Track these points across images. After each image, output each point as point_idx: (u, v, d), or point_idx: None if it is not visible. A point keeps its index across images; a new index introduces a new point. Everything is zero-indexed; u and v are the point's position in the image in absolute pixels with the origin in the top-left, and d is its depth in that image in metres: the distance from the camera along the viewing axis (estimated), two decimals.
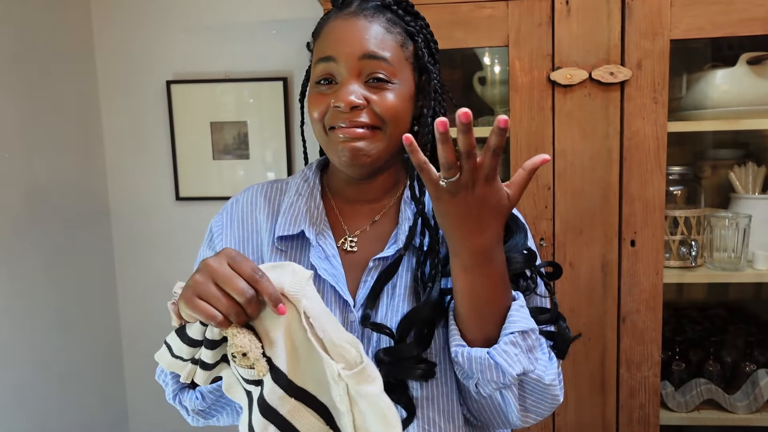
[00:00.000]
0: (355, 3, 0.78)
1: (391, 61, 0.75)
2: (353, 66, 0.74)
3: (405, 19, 0.79)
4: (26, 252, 1.63)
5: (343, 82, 0.75)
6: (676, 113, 1.43)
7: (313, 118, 0.79)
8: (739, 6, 1.23)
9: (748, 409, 1.41)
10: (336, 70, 0.76)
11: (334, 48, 0.76)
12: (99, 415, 1.94)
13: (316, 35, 0.82)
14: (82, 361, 1.85)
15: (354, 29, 0.75)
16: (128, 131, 1.95)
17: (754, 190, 1.48)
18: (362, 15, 0.76)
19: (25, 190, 1.62)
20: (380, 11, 0.77)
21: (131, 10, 1.89)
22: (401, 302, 0.76)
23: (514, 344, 0.67)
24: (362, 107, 0.74)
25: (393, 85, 0.75)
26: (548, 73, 1.28)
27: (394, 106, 0.75)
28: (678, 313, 1.62)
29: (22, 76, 1.62)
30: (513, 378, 0.67)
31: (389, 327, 0.74)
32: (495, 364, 0.67)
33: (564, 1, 1.26)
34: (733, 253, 1.39)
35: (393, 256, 0.78)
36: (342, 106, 0.73)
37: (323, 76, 0.77)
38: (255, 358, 0.64)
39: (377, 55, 0.74)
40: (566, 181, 1.30)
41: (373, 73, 0.74)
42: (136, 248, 2.00)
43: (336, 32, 0.77)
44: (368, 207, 0.84)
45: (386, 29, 0.76)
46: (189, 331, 0.67)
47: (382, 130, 0.75)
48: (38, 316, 1.67)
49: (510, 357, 0.67)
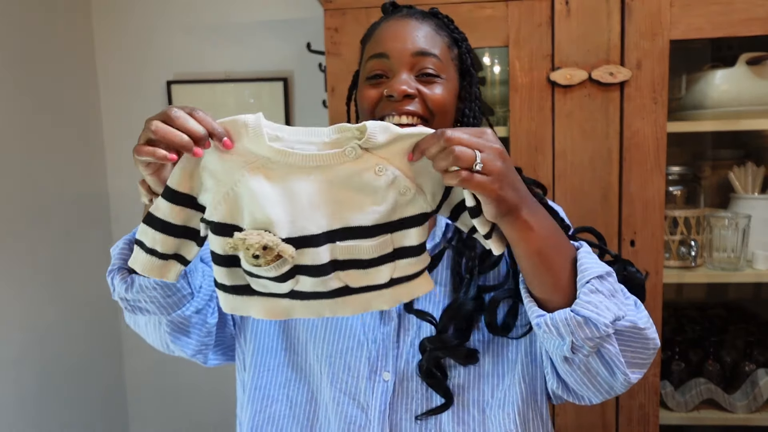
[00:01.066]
0: (404, 10, 0.85)
1: (441, 58, 0.80)
2: (406, 61, 0.78)
3: (450, 27, 0.85)
4: (26, 252, 1.63)
5: (395, 75, 0.79)
6: (676, 113, 1.43)
7: (362, 109, 0.82)
8: (739, 6, 1.23)
9: (748, 408, 1.41)
10: (388, 66, 0.79)
11: (387, 45, 0.80)
12: (99, 415, 1.94)
13: (367, 39, 0.86)
14: (82, 361, 1.85)
15: (406, 28, 0.80)
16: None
17: (754, 190, 1.48)
18: (413, 17, 0.82)
19: (25, 190, 1.63)
20: (428, 17, 0.83)
21: (131, 10, 1.89)
22: (441, 294, 0.80)
23: (595, 292, 0.65)
24: (414, 96, 0.78)
25: (441, 80, 0.79)
26: (548, 73, 1.28)
27: (443, 98, 0.79)
28: (678, 313, 1.62)
29: (23, 76, 1.62)
30: (607, 327, 0.64)
31: (432, 315, 0.78)
32: (584, 319, 0.64)
33: (564, 2, 1.26)
34: (732, 253, 1.39)
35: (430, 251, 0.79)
36: (395, 95, 0.76)
37: (374, 72, 0.81)
38: (275, 243, 0.60)
39: (428, 52, 0.79)
40: (566, 181, 1.30)
41: (424, 68, 0.79)
42: None
43: (388, 31, 0.81)
44: None
45: (435, 31, 0.82)
46: (157, 213, 0.64)
47: (429, 122, 0.78)
48: (38, 316, 1.67)
49: (596, 306, 0.64)
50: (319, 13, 1.36)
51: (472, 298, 0.76)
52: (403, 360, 0.79)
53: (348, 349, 0.80)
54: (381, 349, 0.80)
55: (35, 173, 1.66)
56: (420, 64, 0.78)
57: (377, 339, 0.80)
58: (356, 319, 0.81)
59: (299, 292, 0.65)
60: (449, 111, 0.81)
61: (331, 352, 0.81)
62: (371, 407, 0.79)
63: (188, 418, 2.07)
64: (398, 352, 0.79)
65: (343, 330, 0.81)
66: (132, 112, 1.94)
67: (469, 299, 0.76)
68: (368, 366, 0.79)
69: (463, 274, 0.79)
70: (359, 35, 1.31)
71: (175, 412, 2.08)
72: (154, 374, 2.06)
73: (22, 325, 1.61)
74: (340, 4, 1.31)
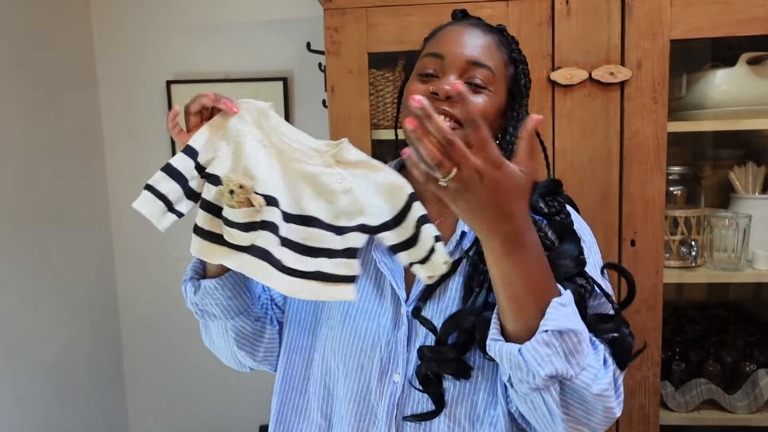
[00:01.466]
0: (473, 19, 0.87)
1: (494, 71, 0.80)
2: (459, 66, 0.79)
3: (512, 46, 0.86)
4: (26, 252, 1.63)
5: (444, 75, 0.80)
6: (676, 113, 1.43)
7: (406, 101, 0.83)
8: (739, 6, 1.23)
9: (748, 409, 1.41)
10: (440, 66, 0.80)
11: (444, 47, 0.81)
12: (99, 415, 1.94)
13: (429, 38, 0.87)
14: (82, 361, 1.85)
15: (468, 35, 0.81)
16: (128, 131, 1.95)
17: (754, 190, 1.48)
18: (479, 27, 0.83)
19: (25, 190, 1.63)
20: (494, 31, 0.84)
21: (131, 10, 1.89)
22: (450, 302, 0.81)
23: (547, 344, 0.64)
24: (457, 99, 0.74)
25: (488, 92, 0.80)
26: (548, 73, 1.28)
27: (483, 109, 0.78)
28: (678, 313, 1.62)
29: (23, 76, 1.62)
30: (542, 380, 0.64)
31: (433, 323, 0.78)
32: (524, 361, 0.64)
33: (564, 1, 1.26)
34: (733, 253, 1.39)
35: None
36: (440, 93, 0.77)
37: (426, 70, 0.81)
38: (250, 186, 0.72)
39: (482, 63, 0.79)
40: (566, 181, 1.29)
41: (473, 76, 0.79)
42: (136, 248, 2.00)
43: (450, 34, 0.83)
44: (438, 207, 0.86)
45: (496, 46, 0.82)
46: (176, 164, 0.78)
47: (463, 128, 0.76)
48: (38, 316, 1.67)
49: (540, 356, 0.64)
50: (319, 13, 1.36)
51: (476, 313, 0.75)
52: (412, 364, 0.81)
53: (362, 350, 0.82)
54: (393, 352, 0.81)
55: (35, 173, 1.66)
56: (471, 72, 0.79)
57: (390, 342, 0.82)
58: (372, 321, 0.83)
59: (257, 248, 0.73)
60: (487, 122, 0.78)
61: (345, 352, 0.83)
62: (380, 407, 0.80)
63: (188, 418, 2.07)
64: (409, 355, 0.81)
65: (359, 331, 0.83)
66: (131, 111, 1.94)
67: (472, 313, 0.76)
68: (380, 367, 0.81)
69: (473, 287, 0.78)
70: (359, 35, 1.31)
71: (175, 412, 2.08)
72: (154, 374, 2.06)
73: (23, 325, 1.61)
74: (340, 4, 1.31)
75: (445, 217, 0.86)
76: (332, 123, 1.34)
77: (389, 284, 0.83)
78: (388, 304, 0.83)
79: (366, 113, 1.34)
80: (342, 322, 0.84)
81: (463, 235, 0.83)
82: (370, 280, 0.85)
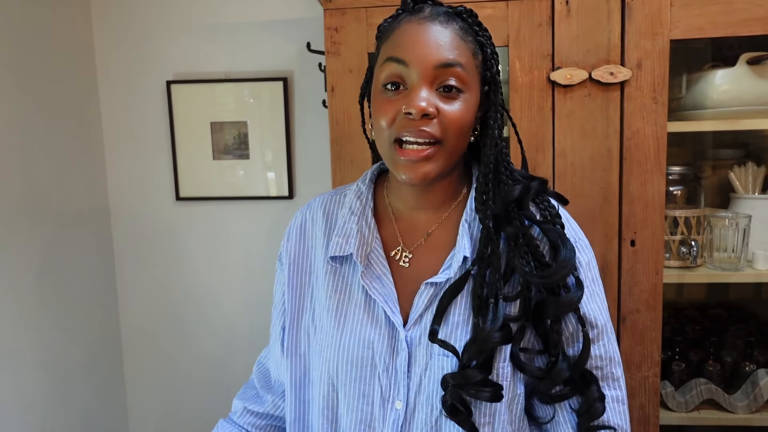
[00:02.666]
0: (427, 8, 0.77)
1: (465, 67, 0.74)
2: (427, 73, 0.72)
3: (475, 29, 0.78)
4: (26, 252, 1.63)
5: (413, 87, 0.73)
6: (676, 113, 1.43)
7: (379, 126, 0.76)
8: (739, 6, 1.23)
9: (748, 409, 1.41)
10: (407, 74, 0.73)
11: (407, 52, 0.73)
12: (99, 415, 1.94)
13: (384, 36, 0.79)
14: (82, 361, 1.85)
15: (429, 35, 0.73)
16: (128, 131, 1.96)
17: (754, 190, 1.48)
18: (437, 21, 0.75)
19: (24, 189, 1.63)
20: (453, 18, 0.76)
21: (131, 10, 1.89)
22: (459, 319, 0.77)
23: None
24: (432, 116, 0.72)
25: (463, 95, 0.74)
26: (548, 73, 1.28)
27: (460, 118, 0.74)
28: (678, 313, 1.62)
29: (22, 76, 1.62)
30: None
31: (454, 347, 0.74)
32: None
33: (564, 1, 1.26)
34: (733, 253, 1.39)
35: (442, 284, 0.78)
36: (413, 113, 0.71)
37: (391, 79, 0.75)
38: None
39: (452, 62, 0.73)
40: (566, 181, 1.30)
41: (445, 81, 0.73)
42: (136, 248, 2.00)
43: (409, 36, 0.74)
44: (427, 215, 0.84)
45: (460, 37, 0.75)
46: None
47: (443, 144, 0.74)
48: (38, 316, 1.67)
49: None
50: (319, 13, 1.36)
51: (498, 330, 0.72)
52: (414, 391, 0.78)
53: (362, 378, 0.80)
54: (393, 379, 0.79)
55: (35, 173, 1.66)
56: (442, 78, 0.73)
57: (389, 368, 0.79)
58: (367, 350, 0.80)
59: None
60: (466, 129, 0.76)
61: (346, 381, 0.81)
62: None
63: (188, 419, 2.07)
64: (410, 382, 0.78)
65: (356, 360, 0.80)
66: (132, 112, 1.94)
67: (495, 331, 0.72)
68: (380, 394, 0.79)
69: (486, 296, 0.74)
70: (359, 35, 1.31)
71: (175, 412, 2.08)
72: (153, 375, 2.06)
73: (23, 325, 1.61)
74: (340, 4, 1.31)
75: (439, 224, 0.84)
76: (332, 123, 1.34)
77: (382, 310, 0.80)
78: (383, 330, 0.79)
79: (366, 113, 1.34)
80: (337, 352, 0.81)
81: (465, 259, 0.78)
82: (361, 308, 0.81)
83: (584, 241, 0.84)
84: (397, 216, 0.86)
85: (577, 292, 0.75)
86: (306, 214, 0.91)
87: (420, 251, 0.83)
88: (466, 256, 0.77)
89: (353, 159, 1.34)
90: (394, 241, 0.84)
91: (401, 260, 0.83)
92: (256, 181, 1.90)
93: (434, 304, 0.77)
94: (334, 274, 0.84)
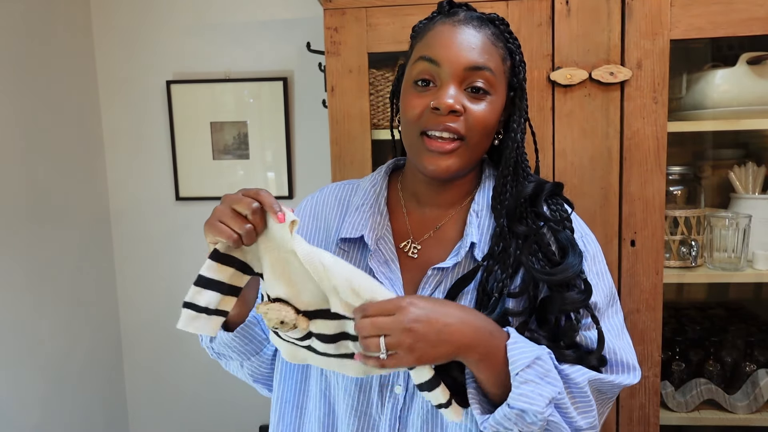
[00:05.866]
0: (462, 12, 0.80)
1: (494, 71, 0.77)
2: (457, 74, 0.76)
3: (506, 35, 0.81)
4: (26, 252, 1.63)
5: (443, 85, 0.76)
6: (676, 113, 1.43)
7: (407, 119, 0.80)
8: (739, 6, 1.23)
9: (748, 409, 1.41)
10: (437, 73, 0.77)
11: (440, 52, 0.77)
12: (99, 415, 1.94)
13: (418, 36, 0.82)
14: (82, 361, 1.85)
15: (462, 37, 0.77)
16: (128, 131, 1.96)
17: (754, 190, 1.48)
18: (471, 25, 0.78)
19: (25, 190, 1.63)
20: (485, 24, 0.79)
21: (131, 9, 1.89)
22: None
23: (526, 382, 0.68)
24: (460, 113, 0.76)
25: (490, 97, 0.77)
26: (548, 73, 1.28)
27: (485, 118, 0.77)
28: (678, 313, 1.62)
29: (22, 76, 1.62)
30: (542, 413, 0.67)
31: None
32: (521, 411, 0.67)
33: (564, 1, 1.26)
34: (733, 253, 1.39)
35: (451, 268, 0.79)
36: (441, 108, 0.74)
37: (422, 76, 0.78)
38: (291, 320, 0.70)
39: (481, 66, 0.76)
40: (566, 181, 1.30)
41: (474, 82, 0.76)
42: (136, 248, 2.00)
43: (443, 37, 0.78)
44: (438, 211, 0.86)
45: (492, 42, 0.78)
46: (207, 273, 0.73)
47: (466, 141, 0.77)
48: (38, 316, 1.67)
49: (528, 397, 0.67)
50: (319, 13, 1.36)
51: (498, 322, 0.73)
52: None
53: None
54: None
55: (35, 173, 1.66)
56: (471, 78, 0.76)
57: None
58: None
59: (313, 348, 0.74)
60: (490, 130, 0.79)
61: None
62: (382, 421, 0.79)
63: (188, 418, 2.07)
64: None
65: None
66: (132, 111, 1.94)
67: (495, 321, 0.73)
68: (379, 381, 0.79)
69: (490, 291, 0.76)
70: (359, 35, 1.31)
71: (175, 412, 2.07)
72: (153, 375, 2.06)
73: (23, 325, 1.61)
74: (340, 4, 1.31)
75: (449, 219, 0.85)
76: (332, 123, 1.34)
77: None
78: None
79: (366, 113, 1.34)
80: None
81: (472, 245, 0.80)
82: None
83: (591, 236, 0.86)
84: (408, 210, 0.87)
85: (583, 293, 0.76)
86: (318, 198, 0.93)
87: (428, 243, 0.84)
88: (473, 242, 0.79)
89: (353, 159, 1.35)
90: (404, 233, 0.86)
91: (410, 251, 0.84)
92: (256, 181, 1.90)
93: (440, 289, 0.79)
94: (343, 257, 0.84)
